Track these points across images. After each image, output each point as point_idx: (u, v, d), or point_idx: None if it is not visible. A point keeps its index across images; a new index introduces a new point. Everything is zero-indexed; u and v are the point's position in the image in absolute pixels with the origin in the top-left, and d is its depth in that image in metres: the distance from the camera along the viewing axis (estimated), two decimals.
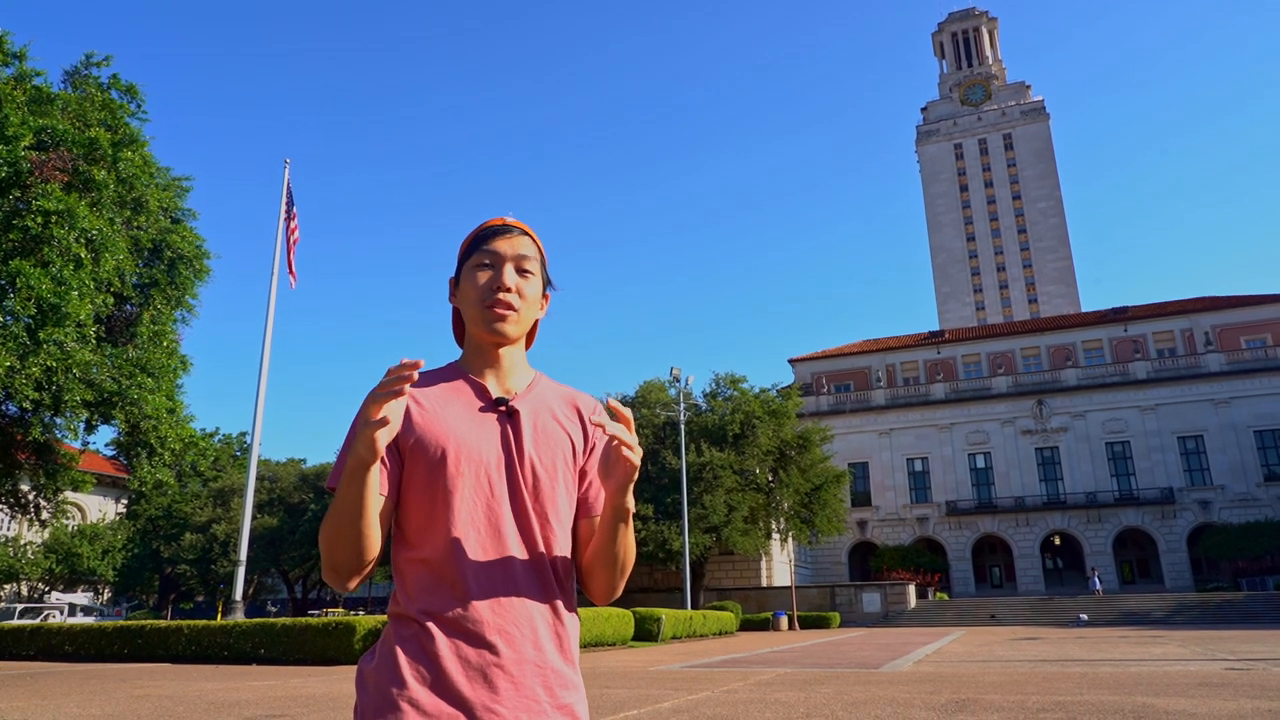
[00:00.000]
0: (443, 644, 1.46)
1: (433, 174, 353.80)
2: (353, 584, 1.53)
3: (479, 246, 1.68)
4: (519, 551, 1.54)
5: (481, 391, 1.64)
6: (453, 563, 1.50)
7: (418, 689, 1.43)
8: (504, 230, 1.69)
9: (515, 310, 1.64)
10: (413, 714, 1.41)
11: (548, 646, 1.52)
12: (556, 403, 1.70)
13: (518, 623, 1.50)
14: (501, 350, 1.67)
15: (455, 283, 1.72)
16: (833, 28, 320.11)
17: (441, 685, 1.43)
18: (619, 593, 1.66)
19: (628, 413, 1.52)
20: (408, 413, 1.56)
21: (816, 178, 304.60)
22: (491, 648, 1.47)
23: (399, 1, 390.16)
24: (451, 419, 1.58)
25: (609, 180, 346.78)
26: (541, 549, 1.57)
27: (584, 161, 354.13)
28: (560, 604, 1.57)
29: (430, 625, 1.47)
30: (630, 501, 1.57)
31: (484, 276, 1.65)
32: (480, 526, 1.53)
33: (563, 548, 1.61)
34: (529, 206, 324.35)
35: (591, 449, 1.71)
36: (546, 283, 1.75)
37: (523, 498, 1.57)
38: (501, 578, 1.51)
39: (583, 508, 1.67)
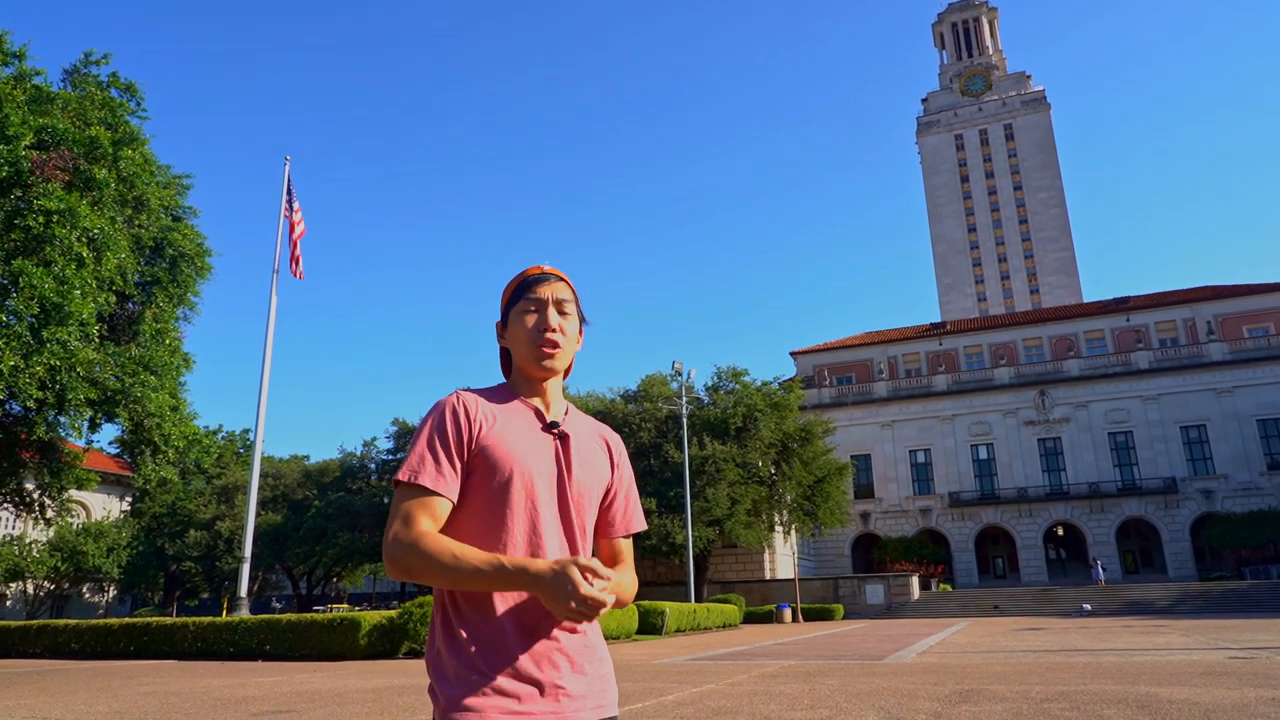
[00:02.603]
0: (505, 629, 1.66)
1: (433, 169, 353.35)
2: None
3: (524, 294, 1.91)
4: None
5: (538, 414, 1.86)
6: None
7: (493, 673, 1.62)
8: (544, 278, 1.93)
9: (560, 347, 1.88)
10: (495, 696, 1.60)
11: (586, 630, 1.76)
12: (589, 431, 1.95)
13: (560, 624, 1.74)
14: (547, 383, 1.91)
15: (503, 326, 1.96)
16: (832, 19, 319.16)
17: (514, 667, 1.63)
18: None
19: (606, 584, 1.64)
20: (483, 427, 1.77)
21: (817, 170, 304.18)
22: (546, 633, 1.68)
23: None
24: (514, 436, 1.78)
25: (609, 174, 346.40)
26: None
27: (584, 155, 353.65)
28: None
29: (491, 614, 1.67)
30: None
31: (531, 320, 1.89)
32: (533, 533, 1.73)
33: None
34: (529, 201, 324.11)
35: (616, 475, 1.96)
36: (581, 320, 1.99)
37: (569, 512, 1.78)
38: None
39: (602, 529, 1.93)
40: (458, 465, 1.73)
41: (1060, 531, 66.15)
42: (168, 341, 22.60)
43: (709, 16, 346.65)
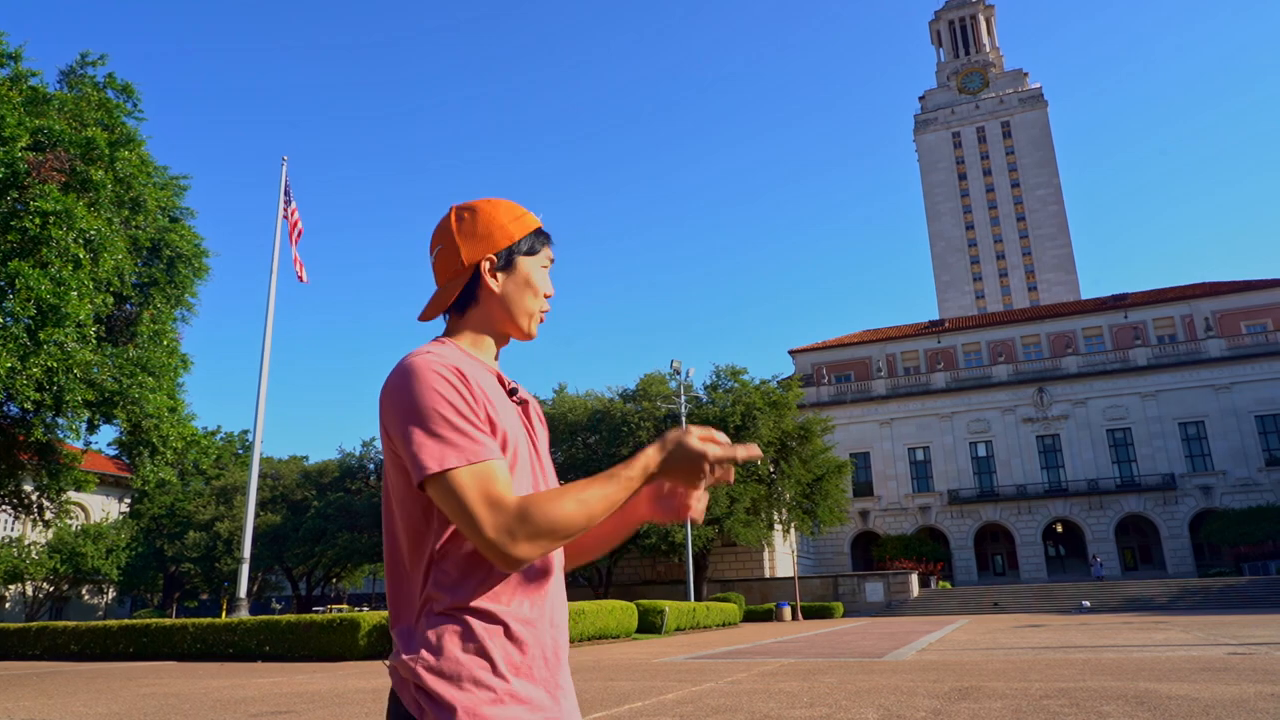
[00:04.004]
0: (518, 631, 1.44)
1: (432, 168, 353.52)
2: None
3: (540, 248, 1.66)
4: None
5: (500, 379, 1.59)
6: None
7: (505, 678, 1.41)
8: (550, 237, 1.70)
9: None
10: (511, 701, 1.39)
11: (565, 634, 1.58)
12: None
13: (559, 607, 1.54)
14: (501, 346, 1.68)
15: (498, 268, 1.60)
16: (829, 17, 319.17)
17: (524, 670, 1.44)
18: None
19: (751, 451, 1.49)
20: (484, 397, 1.48)
21: (814, 168, 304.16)
22: (553, 632, 1.51)
23: None
24: (497, 404, 1.51)
25: (607, 173, 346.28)
26: None
27: (583, 154, 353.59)
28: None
29: (504, 616, 1.44)
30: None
31: (545, 283, 1.65)
32: None
33: None
34: (529, 200, 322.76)
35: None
36: None
37: (536, 486, 1.56)
38: (551, 565, 1.55)
39: None
40: (486, 426, 1.44)
41: (1059, 528, 66.21)
42: (165, 342, 22.56)
43: (706, 15, 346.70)
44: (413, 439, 1.38)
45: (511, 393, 1.59)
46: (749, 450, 1.44)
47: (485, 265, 1.59)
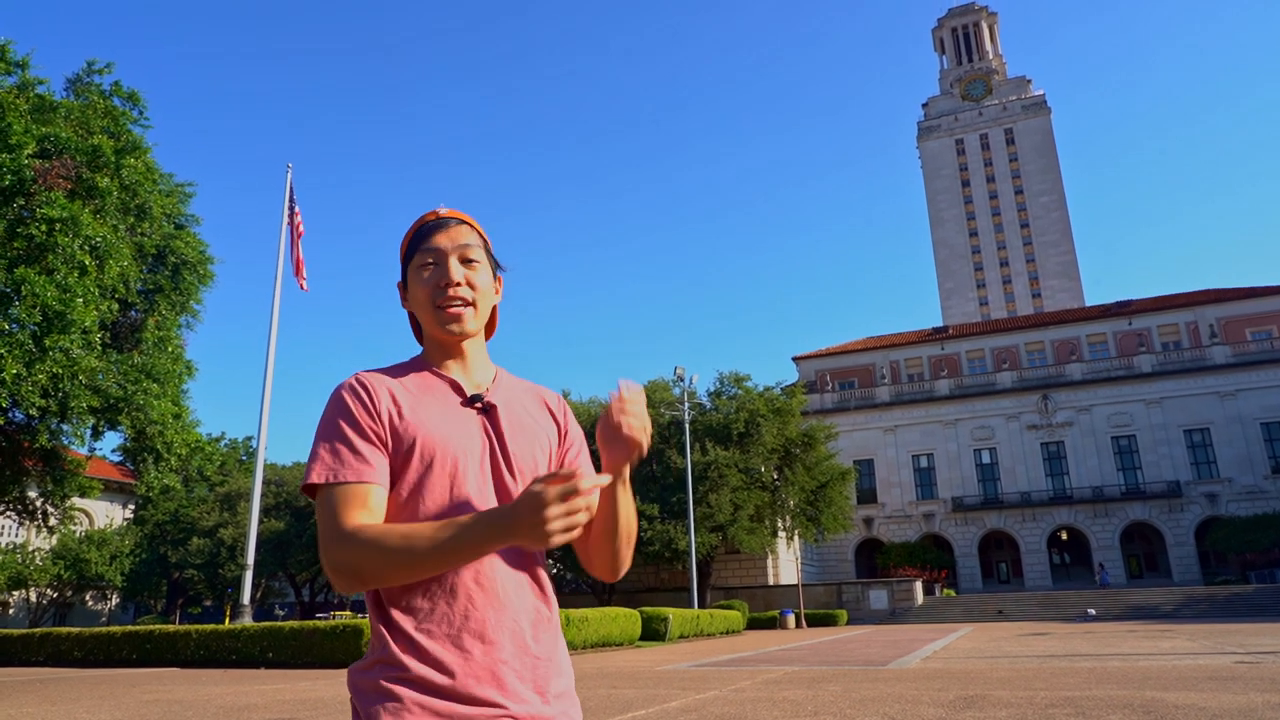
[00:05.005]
0: (439, 642, 1.42)
1: (435, 173, 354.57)
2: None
3: (419, 245, 1.63)
4: (507, 553, 1.51)
5: (455, 387, 1.59)
6: None
7: (421, 692, 1.39)
8: (441, 224, 1.64)
9: (469, 304, 1.61)
10: (422, 714, 1.37)
11: (540, 638, 1.51)
12: (524, 398, 1.69)
13: (505, 618, 1.47)
14: (465, 345, 1.64)
15: (404, 287, 1.67)
16: (832, 23, 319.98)
17: (445, 685, 1.40)
18: (627, 564, 1.61)
19: (638, 387, 1.50)
20: (389, 412, 1.51)
21: (818, 174, 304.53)
22: (486, 642, 1.44)
23: (398, 1, 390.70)
24: (431, 418, 1.52)
25: (610, 176, 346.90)
26: (530, 551, 1.55)
27: (585, 157, 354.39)
28: (546, 595, 1.57)
29: (424, 623, 1.43)
30: (628, 469, 1.54)
31: (430, 275, 1.61)
32: None
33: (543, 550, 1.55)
34: (530, 204, 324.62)
35: (566, 439, 1.70)
36: (496, 266, 1.70)
37: (508, 494, 1.53)
38: (489, 574, 1.48)
39: None
40: (377, 446, 1.47)
41: (1064, 536, 65.99)
42: (170, 349, 22.61)
43: (710, 20, 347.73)
44: (310, 452, 1.51)
45: (473, 400, 1.58)
46: (583, 499, 1.30)
47: (399, 294, 1.70)
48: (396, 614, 1.45)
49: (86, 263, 18.53)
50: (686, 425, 40.15)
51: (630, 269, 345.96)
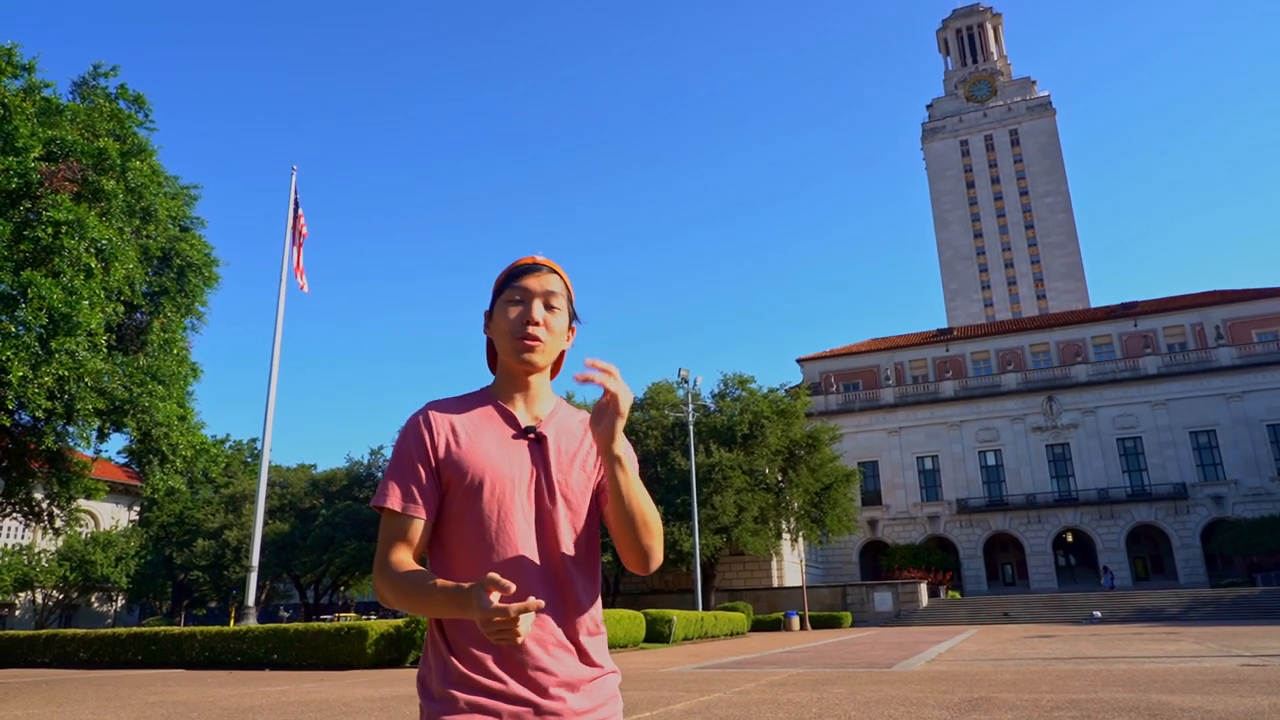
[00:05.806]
0: (495, 646, 1.62)
1: (441, 175, 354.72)
2: None
3: (511, 283, 1.84)
4: (543, 572, 1.69)
5: (511, 419, 1.80)
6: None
7: (476, 692, 1.61)
8: (534, 269, 1.84)
9: (542, 342, 1.79)
10: (474, 714, 1.59)
11: (573, 658, 1.70)
12: (578, 428, 1.86)
13: (544, 638, 1.66)
14: (531, 378, 1.83)
15: (489, 316, 1.88)
16: (836, 25, 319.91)
17: (502, 685, 1.61)
18: (655, 556, 1.75)
19: (606, 363, 1.66)
20: (447, 442, 1.73)
21: (821, 176, 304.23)
22: (542, 652, 1.64)
23: (403, 4, 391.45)
24: (485, 447, 1.74)
25: (614, 179, 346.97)
26: (567, 570, 1.71)
27: (589, 160, 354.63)
28: (586, 617, 1.73)
29: (476, 637, 1.63)
30: (621, 448, 1.67)
31: (515, 311, 1.81)
32: (504, 547, 1.68)
33: (588, 568, 1.77)
34: (536, 207, 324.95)
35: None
36: (572, 316, 1.90)
37: (551, 518, 1.72)
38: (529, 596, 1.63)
39: (602, 498, 1.81)
40: (424, 480, 1.70)
41: (1069, 538, 65.81)
42: (175, 351, 22.67)
43: (713, 22, 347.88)
44: (384, 473, 1.78)
45: (528, 431, 1.78)
46: (514, 624, 1.43)
47: (484, 321, 1.91)
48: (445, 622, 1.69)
49: (92, 265, 18.59)
50: (691, 427, 40.13)
51: (634, 272, 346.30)
